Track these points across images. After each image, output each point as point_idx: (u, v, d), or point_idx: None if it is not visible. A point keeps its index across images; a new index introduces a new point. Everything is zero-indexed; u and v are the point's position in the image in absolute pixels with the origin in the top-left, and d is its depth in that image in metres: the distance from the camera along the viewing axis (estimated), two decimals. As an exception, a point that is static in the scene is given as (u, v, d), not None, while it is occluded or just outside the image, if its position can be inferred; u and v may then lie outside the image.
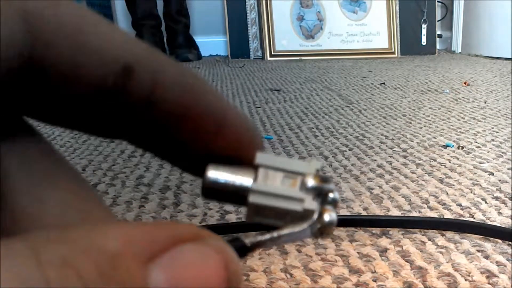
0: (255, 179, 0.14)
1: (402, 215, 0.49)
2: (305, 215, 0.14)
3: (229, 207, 0.51)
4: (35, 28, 0.11)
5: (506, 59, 2.05)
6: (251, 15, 2.33)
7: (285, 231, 0.14)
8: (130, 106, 0.13)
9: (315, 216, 0.14)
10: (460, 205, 0.51)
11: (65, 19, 0.12)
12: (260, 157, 0.14)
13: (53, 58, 0.12)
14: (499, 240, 0.42)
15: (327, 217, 0.14)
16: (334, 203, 0.14)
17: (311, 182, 0.14)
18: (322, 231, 0.14)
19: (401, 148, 0.72)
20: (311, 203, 0.14)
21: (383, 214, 0.49)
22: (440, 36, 2.57)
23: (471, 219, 0.47)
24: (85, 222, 0.12)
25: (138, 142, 0.14)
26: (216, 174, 0.14)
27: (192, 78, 0.14)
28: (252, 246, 0.13)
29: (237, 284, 0.11)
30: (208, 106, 0.14)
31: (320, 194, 0.14)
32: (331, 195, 0.14)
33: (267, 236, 0.13)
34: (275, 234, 0.13)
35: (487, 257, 0.40)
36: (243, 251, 0.13)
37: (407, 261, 0.39)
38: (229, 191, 0.14)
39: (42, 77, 0.12)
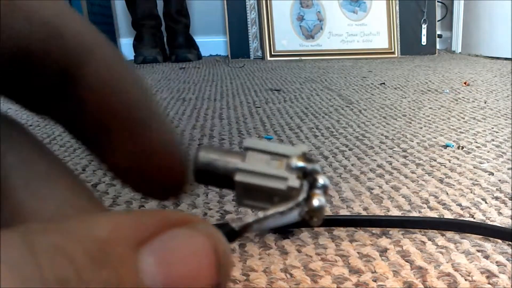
0: (243, 161, 0.14)
1: (402, 215, 0.49)
2: (290, 195, 0.14)
3: (229, 207, 0.51)
4: None
5: (506, 59, 2.05)
6: (251, 15, 2.33)
7: (271, 211, 0.14)
8: (52, 72, 0.12)
9: (301, 196, 0.14)
10: (460, 205, 0.51)
11: None
12: (248, 141, 0.14)
13: None
14: (499, 240, 0.42)
15: (316, 201, 0.14)
16: (324, 188, 0.14)
17: (294, 162, 0.14)
18: (311, 215, 0.14)
19: (401, 148, 0.72)
20: (294, 181, 0.14)
21: (383, 214, 0.49)
22: (440, 36, 2.57)
23: (471, 219, 0.47)
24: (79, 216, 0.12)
25: (55, 115, 0.14)
26: (206, 156, 0.14)
27: (123, 64, 0.13)
28: (240, 230, 0.13)
29: (227, 266, 0.11)
30: (130, 99, 0.13)
31: (306, 174, 0.14)
32: (321, 180, 0.14)
33: (253, 217, 0.13)
34: (261, 215, 0.14)
35: (487, 257, 0.40)
36: (232, 235, 0.13)
37: (407, 261, 0.39)
38: (219, 173, 0.14)
39: None
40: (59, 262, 0.09)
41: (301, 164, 0.14)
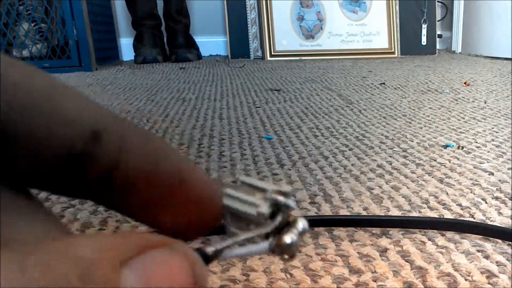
0: (233, 189, 0.16)
1: (402, 215, 0.49)
2: (261, 223, 0.15)
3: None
4: (8, 95, 0.12)
5: (506, 59, 2.05)
6: (251, 15, 2.33)
7: (240, 237, 0.15)
8: (97, 169, 0.14)
9: (271, 226, 0.15)
10: (460, 205, 0.51)
11: (37, 87, 0.12)
12: (243, 178, 0.16)
13: (26, 122, 0.12)
14: (499, 240, 0.42)
15: (287, 238, 0.15)
16: (302, 231, 0.15)
17: (269, 194, 0.15)
18: (282, 250, 0.15)
19: (401, 148, 0.72)
20: (264, 209, 0.15)
21: (383, 214, 0.49)
22: (440, 36, 2.57)
23: (471, 219, 0.47)
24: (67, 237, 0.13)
25: (103, 201, 0.15)
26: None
27: (156, 141, 0.15)
28: (213, 255, 0.14)
29: (203, 284, 0.12)
30: (171, 166, 0.15)
31: (279, 207, 0.15)
32: (300, 224, 0.15)
33: (224, 244, 0.15)
34: (230, 241, 0.15)
35: (487, 257, 0.40)
36: (206, 259, 0.14)
37: (407, 261, 0.39)
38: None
39: (14, 141, 0.12)
40: (49, 278, 0.10)
41: (274, 196, 0.15)
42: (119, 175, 0.14)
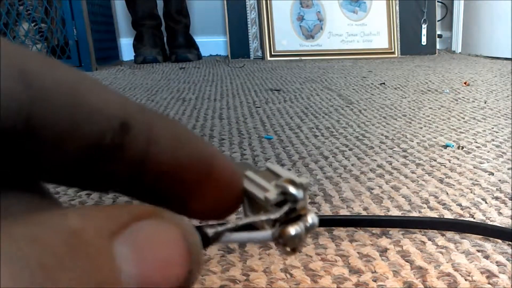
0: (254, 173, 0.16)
1: (402, 215, 0.49)
2: (268, 209, 0.15)
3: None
4: (33, 87, 0.12)
5: (506, 59, 2.05)
6: (251, 15, 2.33)
7: (242, 221, 0.15)
8: (127, 160, 0.13)
9: (276, 213, 0.15)
10: (460, 205, 0.51)
11: (62, 78, 0.12)
12: (270, 165, 0.16)
13: (52, 116, 0.12)
14: (499, 240, 0.42)
15: (292, 229, 0.15)
16: (310, 226, 0.15)
17: (280, 181, 0.15)
18: (285, 241, 0.15)
19: (401, 148, 0.72)
20: (272, 195, 0.15)
21: (383, 214, 0.49)
22: (440, 36, 2.57)
23: (471, 219, 0.47)
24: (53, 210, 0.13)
25: (132, 193, 0.15)
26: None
27: (182, 129, 0.15)
28: (214, 236, 0.14)
29: (197, 254, 0.12)
30: (199, 153, 0.15)
31: (286, 196, 0.15)
32: (309, 219, 0.15)
33: (226, 226, 0.14)
34: (232, 224, 0.15)
35: (487, 257, 0.40)
36: (206, 240, 0.14)
37: (407, 261, 0.39)
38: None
39: (39, 135, 0.12)
40: (40, 250, 0.09)
41: (284, 184, 0.15)
42: (149, 166, 0.14)
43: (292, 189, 0.15)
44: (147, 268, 0.11)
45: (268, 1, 2.26)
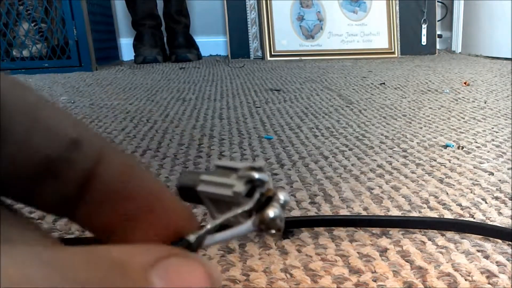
0: (207, 175, 0.16)
1: (402, 215, 0.49)
2: (240, 203, 0.15)
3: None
4: None
5: (506, 59, 2.05)
6: (251, 15, 2.33)
7: (220, 219, 0.15)
8: (74, 176, 0.14)
9: (250, 204, 0.15)
10: (460, 205, 0.51)
11: (24, 98, 0.14)
12: (218, 161, 0.16)
13: (9, 127, 0.13)
14: (499, 240, 0.42)
15: (270, 212, 0.15)
16: (284, 203, 0.15)
17: (241, 172, 0.15)
18: (267, 226, 0.15)
19: (401, 148, 0.72)
20: (240, 188, 0.15)
21: (383, 214, 0.49)
22: (440, 36, 2.57)
23: (471, 219, 0.47)
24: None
25: (75, 217, 0.15)
26: (184, 177, 0.17)
27: (132, 160, 0.16)
28: (196, 242, 0.15)
29: (217, 285, 0.13)
30: (145, 186, 0.15)
31: (254, 183, 0.15)
32: (281, 196, 0.15)
33: (205, 228, 0.15)
34: (210, 225, 0.15)
35: (487, 257, 0.40)
36: (190, 248, 0.15)
37: (407, 261, 0.39)
38: (193, 189, 0.16)
39: None
40: (91, 277, 0.11)
41: (247, 173, 0.15)
42: (94, 186, 0.15)
43: (257, 175, 0.15)
44: None
45: (268, 1, 2.26)
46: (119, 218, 0.15)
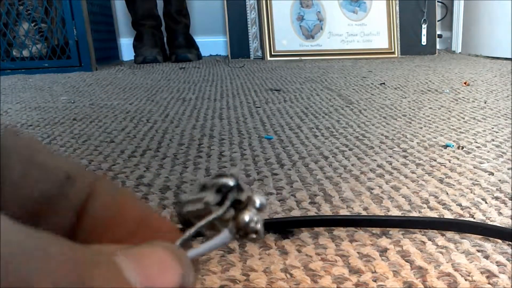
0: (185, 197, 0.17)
1: (402, 215, 0.49)
2: (213, 211, 0.15)
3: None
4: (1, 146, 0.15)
5: (506, 59, 2.05)
6: (251, 15, 2.33)
7: (192, 229, 0.15)
8: (69, 209, 0.16)
9: (220, 210, 0.15)
10: (460, 205, 0.51)
11: (23, 144, 0.16)
12: (201, 180, 0.17)
13: (10, 166, 0.15)
14: (499, 240, 0.42)
15: (245, 217, 0.15)
16: (260, 207, 0.15)
17: (210, 182, 0.16)
18: (245, 231, 0.15)
19: (401, 148, 0.72)
20: (209, 197, 0.15)
21: (383, 214, 0.49)
22: (440, 36, 2.57)
23: (471, 219, 0.47)
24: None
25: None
26: (179, 208, 0.17)
27: (122, 192, 0.17)
28: None
29: (186, 260, 0.14)
30: (129, 215, 0.17)
31: (223, 190, 0.15)
32: (257, 200, 0.15)
33: (179, 241, 0.15)
34: (185, 236, 0.15)
35: (487, 257, 0.40)
36: None
37: (407, 261, 0.39)
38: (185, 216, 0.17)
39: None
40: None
41: (214, 181, 0.15)
42: (86, 218, 0.16)
43: (222, 180, 0.15)
44: (147, 280, 0.13)
45: (268, 1, 2.26)
46: (109, 242, 0.16)
